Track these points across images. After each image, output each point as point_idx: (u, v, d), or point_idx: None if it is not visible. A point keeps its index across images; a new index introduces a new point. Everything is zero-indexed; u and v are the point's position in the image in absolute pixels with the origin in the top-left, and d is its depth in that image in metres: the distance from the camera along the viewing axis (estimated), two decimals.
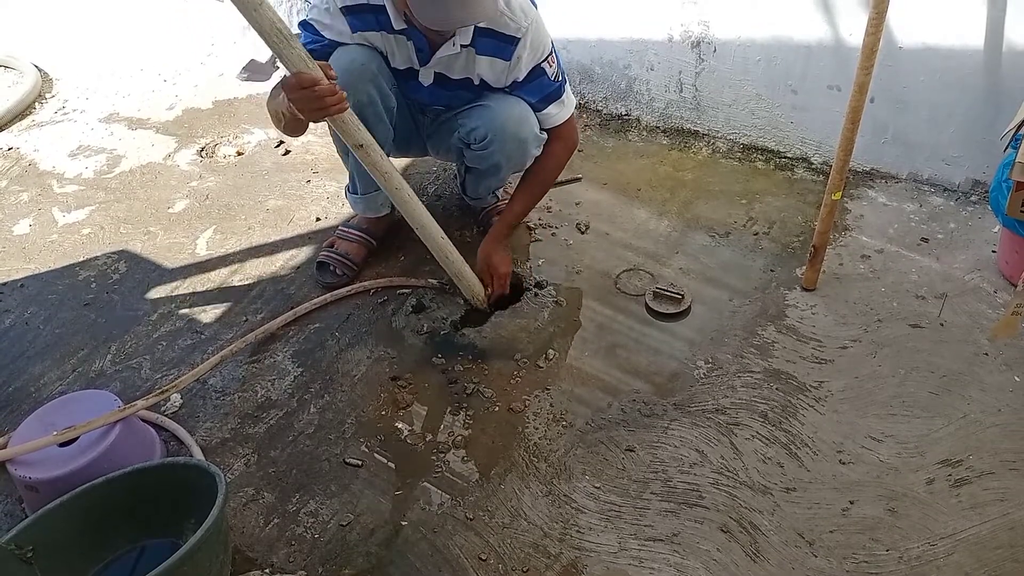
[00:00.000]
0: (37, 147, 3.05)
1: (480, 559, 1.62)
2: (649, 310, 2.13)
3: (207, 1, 3.79)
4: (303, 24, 1.98)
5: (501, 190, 2.44)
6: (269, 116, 1.93)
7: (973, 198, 2.33)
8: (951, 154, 2.32)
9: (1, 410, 2.04)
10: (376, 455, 1.85)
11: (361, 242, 2.34)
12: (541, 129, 2.08)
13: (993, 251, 2.16)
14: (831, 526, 1.62)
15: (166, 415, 1.96)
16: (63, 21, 3.86)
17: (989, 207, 2.14)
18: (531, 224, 2.43)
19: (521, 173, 2.21)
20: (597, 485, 1.74)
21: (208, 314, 2.24)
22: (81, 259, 2.48)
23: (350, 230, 2.35)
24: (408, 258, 2.36)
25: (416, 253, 2.37)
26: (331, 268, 2.28)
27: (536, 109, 2.04)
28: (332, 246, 2.32)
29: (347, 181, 2.33)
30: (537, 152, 2.12)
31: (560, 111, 2.07)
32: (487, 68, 1.98)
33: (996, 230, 2.19)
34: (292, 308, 2.19)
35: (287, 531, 1.71)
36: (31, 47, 3.65)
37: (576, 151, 2.70)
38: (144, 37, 3.66)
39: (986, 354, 1.91)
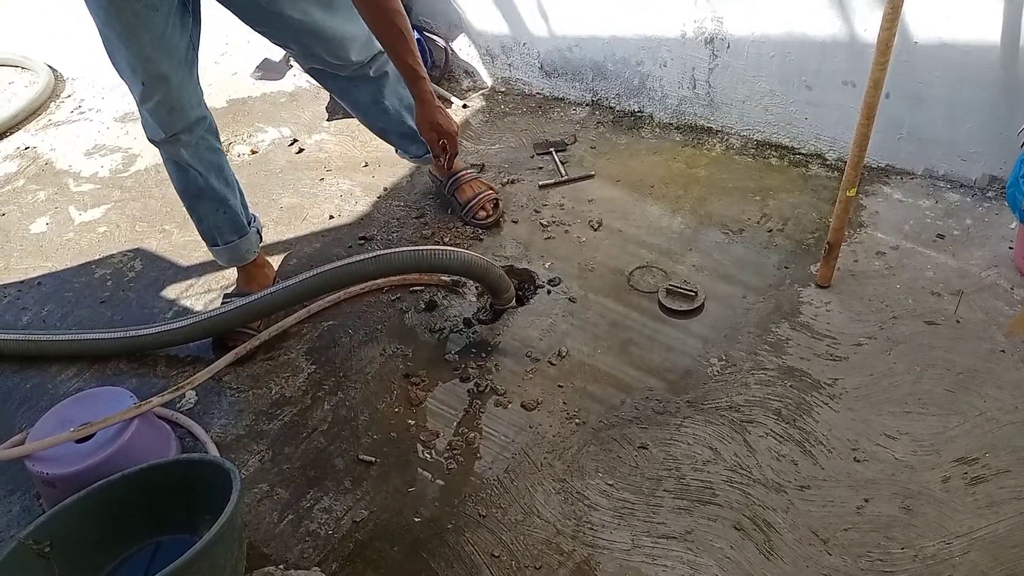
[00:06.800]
0: (54, 146, 3.07)
1: (493, 556, 1.63)
2: (662, 307, 2.12)
3: None
4: None
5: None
6: None
7: (990, 194, 2.31)
8: (967, 150, 2.30)
9: (19, 407, 2.06)
10: (389, 452, 1.85)
11: None
12: None
13: (1010, 247, 2.14)
14: (846, 524, 1.61)
15: (181, 412, 1.98)
16: (79, 21, 3.89)
17: (1006, 203, 2.12)
18: (544, 222, 2.43)
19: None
20: (610, 482, 1.74)
21: None
22: (97, 257, 2.51)
23: (233, 297, 2.23)
24: None
25: None
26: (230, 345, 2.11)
27: None
28: None
29: (210, 230, 2.15)
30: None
31: None
32: None
33: (1013, 226, 2.17)
34: (306, 306, 2.20)
35: (301, 527, 1.72)
36: (46, 48, 3.68)
37: (589, 147, 2.72)
38: None
39: (1002, 351, 1.90)
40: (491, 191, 2.46)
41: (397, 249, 1.95)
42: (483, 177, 2.54)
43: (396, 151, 2.51)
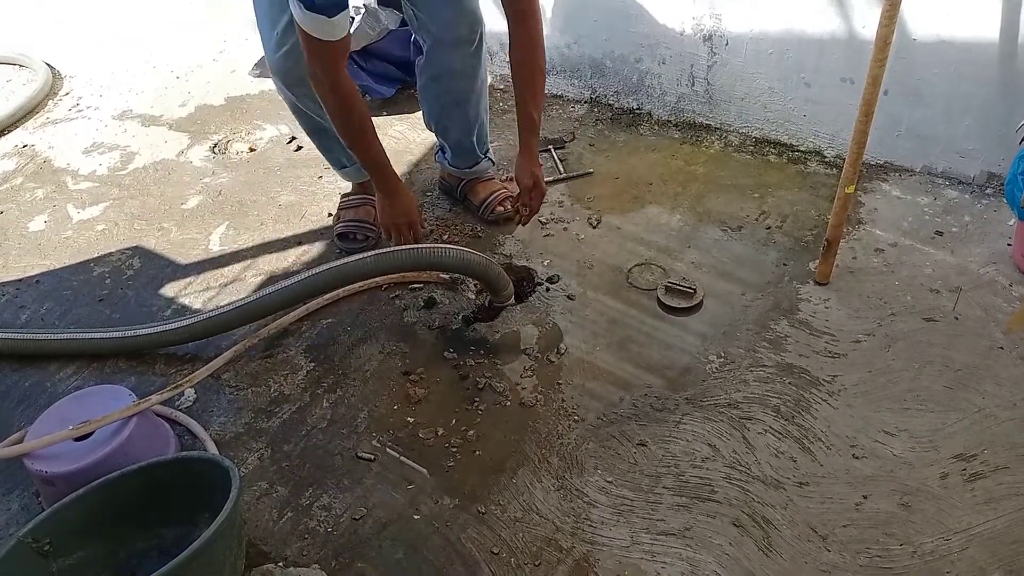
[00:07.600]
0: (52, 144, 3.07)
1: (492, 553, 1.63)
2: (661, 304, 2.12)
3: None
4: None
5: (491, 151, 2.45)
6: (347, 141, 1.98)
7: (988, 191, 2.32)
8: (966, 147, 2.30)
9: (18, 405, 2.06)
10: (388, 449, 1.85)
11: (367, 203, 2.41)
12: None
13: (1008, 244, 2.14)
14: (844, 520, 1.61)
15: (180, 410, 1.98)
16: (78, 19, 3.89)
17: (1004, 200, 2.12)
18: (543, 219, 2.43)
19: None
20: (609, 479, 1.74)
21: None
22: (95, 255, 2.50)
23: (350, 197, 2.46)
24: None
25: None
26: (352, 236, 2.38)
27: None
28: (340, 219, 2.42)
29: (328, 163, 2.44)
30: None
31: None
32: None
33: (1011, 223, 2.17)
34: (304, 303, 2.20)
35: (300, 525, 1.72)
36: (45, 45, 3.67)
37: (588, 145, 2.72)
38: (156, 34, 3.68)
39: (1001, 348, 1.90)
40: (505, 189, 2.45)
41: (396, 247, 1.95)
42: (497, 176, 2.54)
43: (436, 153, 2.52)
